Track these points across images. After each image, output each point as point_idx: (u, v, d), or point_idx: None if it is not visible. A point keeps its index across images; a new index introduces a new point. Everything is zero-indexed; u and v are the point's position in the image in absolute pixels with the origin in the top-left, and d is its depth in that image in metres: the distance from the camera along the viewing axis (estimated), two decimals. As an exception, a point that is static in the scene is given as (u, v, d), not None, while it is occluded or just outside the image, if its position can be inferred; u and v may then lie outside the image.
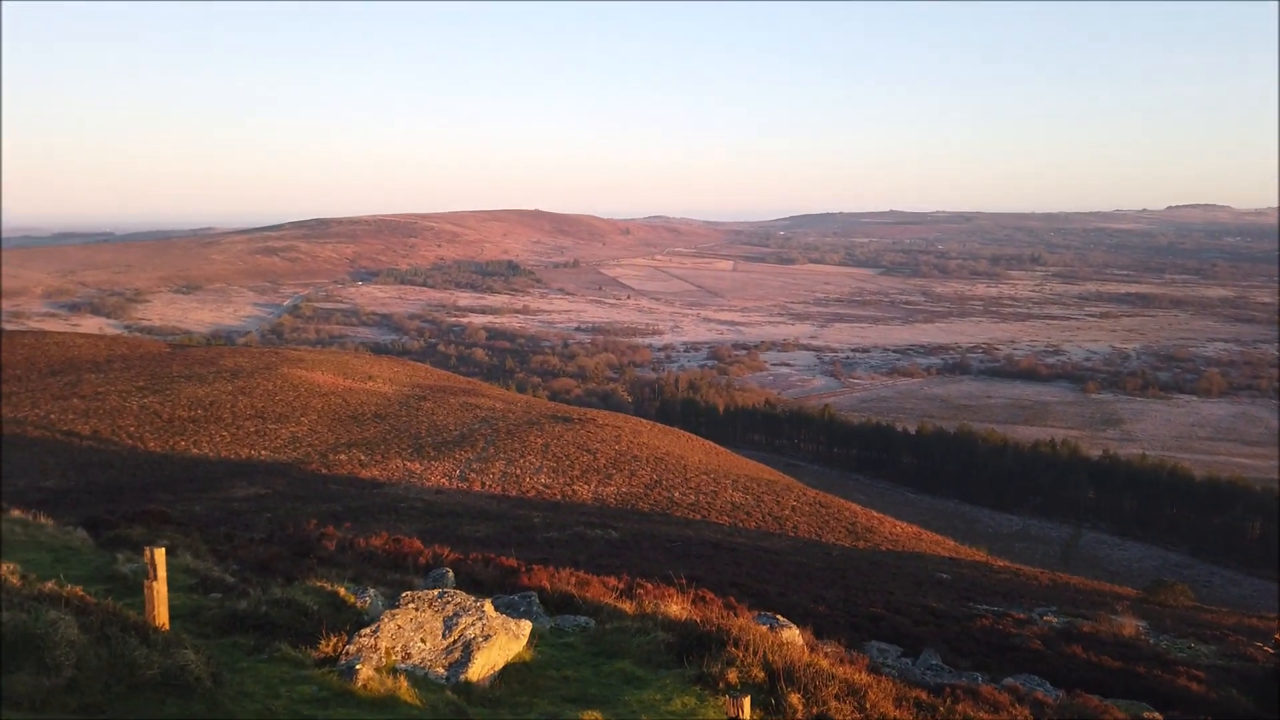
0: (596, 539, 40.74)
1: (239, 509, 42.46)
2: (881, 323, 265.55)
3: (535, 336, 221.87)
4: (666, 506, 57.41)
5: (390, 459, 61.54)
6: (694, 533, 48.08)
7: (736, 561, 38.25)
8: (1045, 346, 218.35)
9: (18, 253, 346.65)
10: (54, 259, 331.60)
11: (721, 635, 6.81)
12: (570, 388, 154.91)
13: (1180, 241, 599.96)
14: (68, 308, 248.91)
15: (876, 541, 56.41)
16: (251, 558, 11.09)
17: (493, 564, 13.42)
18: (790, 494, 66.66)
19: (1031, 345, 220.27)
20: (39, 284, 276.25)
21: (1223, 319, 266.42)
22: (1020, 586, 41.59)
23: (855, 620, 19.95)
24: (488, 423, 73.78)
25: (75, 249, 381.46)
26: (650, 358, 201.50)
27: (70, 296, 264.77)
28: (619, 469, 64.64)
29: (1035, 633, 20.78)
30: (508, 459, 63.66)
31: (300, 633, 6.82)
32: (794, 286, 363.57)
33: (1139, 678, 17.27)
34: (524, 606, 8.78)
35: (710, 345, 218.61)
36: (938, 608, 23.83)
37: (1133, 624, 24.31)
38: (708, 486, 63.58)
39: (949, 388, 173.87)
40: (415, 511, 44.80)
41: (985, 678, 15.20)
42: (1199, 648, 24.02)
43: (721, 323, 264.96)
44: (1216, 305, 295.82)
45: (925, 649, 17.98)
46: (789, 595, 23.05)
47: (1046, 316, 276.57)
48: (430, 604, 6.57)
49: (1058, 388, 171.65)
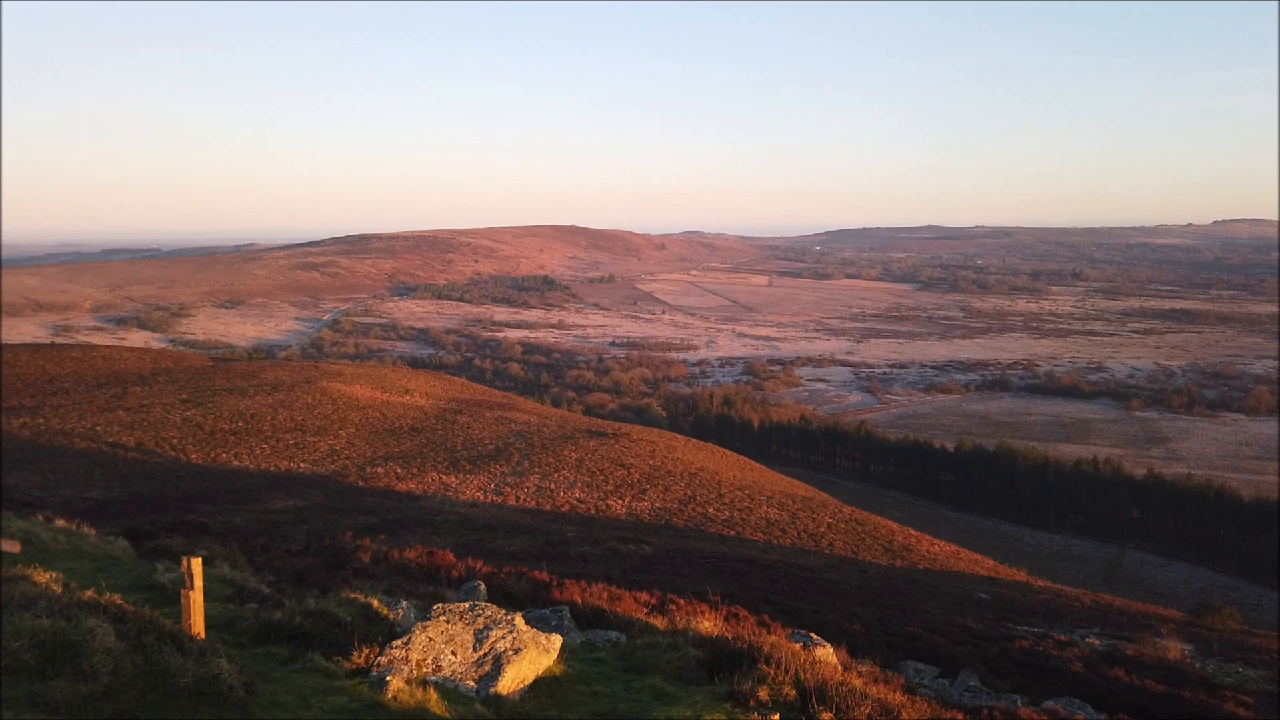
0: (630, 554, 40.60)
1: (278, 520, 42.97)
2: (919, 338, 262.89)
3: (570, 351, 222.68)
4: (701, 522, 57.11)
5: (426, 472, 61.97)
6: (728, 549, 47.75)
7: (771, 578, 37.90)
8: (1087, 363, 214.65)
9: (66, 268, 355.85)
10: (101, 274, 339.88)
11: (753, 652, 6.74)
12: (605, 402, 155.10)
13: (1227, 257, 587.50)
14: (115, 321, 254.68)
15: (914, 560, 55.59)
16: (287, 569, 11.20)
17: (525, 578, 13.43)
18: (826, 511, 65.98)
19: (1073, 362, 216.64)
20: (88, 298, 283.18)
21: (1271, 335, 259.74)
22: (1061, 607, 40.72)
23: (891, 639, 19.66)
24: (522, 437, 74.05)
25: (122, 264, 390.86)
26: (685, 373, 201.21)
27: (117, 311, 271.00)
28: (653, 484, 64.47)
29: (1076, 655, 20.33)
30: (542, 473, 63.81)
31: (333, 644, 6.87)
32: (830, 302, 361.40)
33: (1184, 702, 16.81)
34: (555, 621, 8.77)
35: (745, 361, 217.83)
36: (976, 628, 23.42)
37: (1178, 647, 23.69)
38: (742, 503, 63.17)
39: (988, 404, 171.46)
40: (450, 525, 45.01)
41: (1025, 700, 14.90)
42: (1247, 672, 23.34)
43: (757, 338, 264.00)
44: (1264, 322, 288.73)
45: (963, 670, 17.66)
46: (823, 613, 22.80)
47: (1088, 333, 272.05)
48: (461, 617, 6.59)
49: (1100, 405, 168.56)
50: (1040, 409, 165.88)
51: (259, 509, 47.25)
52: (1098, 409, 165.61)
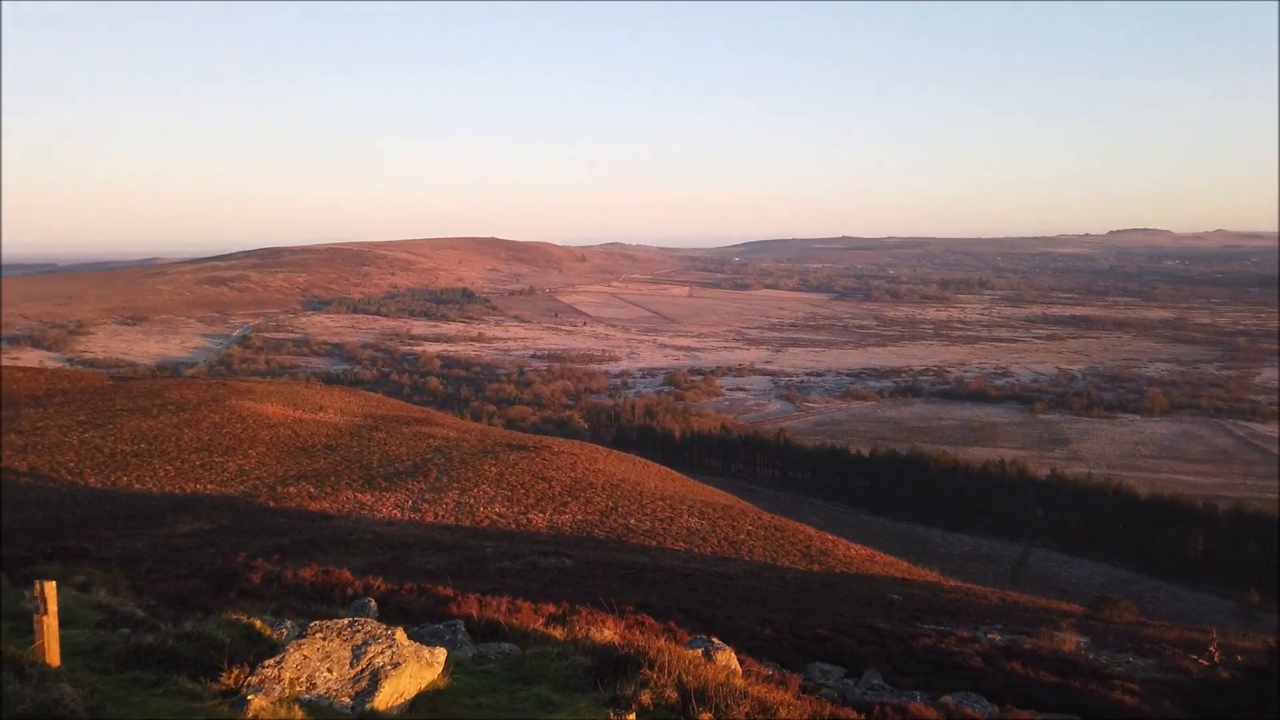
0: (550, 568, 40.40)
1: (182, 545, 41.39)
2: (835, 347, 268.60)
3: (491, 364, 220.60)
4: (622, 533, 57.16)
5: (341, 491, 60.56)
6: (649, 559, 47.90)
7: (690, 587, 38.18)
8: (994, 368, 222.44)
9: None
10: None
11: (639, 658, 6.82)
12: (526, 415, 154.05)
13: (1122, 265, 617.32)
14: (7, 341, 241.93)
15: (831, 564, 56.67)
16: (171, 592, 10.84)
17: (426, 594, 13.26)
18: (746, 518, 66.77)
19: (981, 367, 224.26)
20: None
21: (1164, 340, 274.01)
22: (969, 605, 42.04)
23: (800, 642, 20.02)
24: (441, 452, 73.02)
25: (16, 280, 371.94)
26: (607, 384, 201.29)
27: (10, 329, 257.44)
28: (575, 497, 64.29)
29: (977, 650, 21.03)
30: (461, 489, 63.01)
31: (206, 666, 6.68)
32: (749, 312, 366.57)
33: (1075, 692, 17.56)
34: (449, 635, 8.70)
35: (667, 371, 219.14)
36: (884, 628, 24.01)
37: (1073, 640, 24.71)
38: (664, 512, 63.47)
39: (901, 410, 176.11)
40: (365, 544, 44.06)
41: (925, 696, 15.34)
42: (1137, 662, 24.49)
43: (678, 348, 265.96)
44: (1158, 327, 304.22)
45: (868, 669, 18.10)
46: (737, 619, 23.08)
47: (995, 339, 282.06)
48: (339, 633, 6.49)
49: (1006, 409, 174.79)
50: (950, 413, 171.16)
51: (162, 533, 45.45)
52: (1004, 412, 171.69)
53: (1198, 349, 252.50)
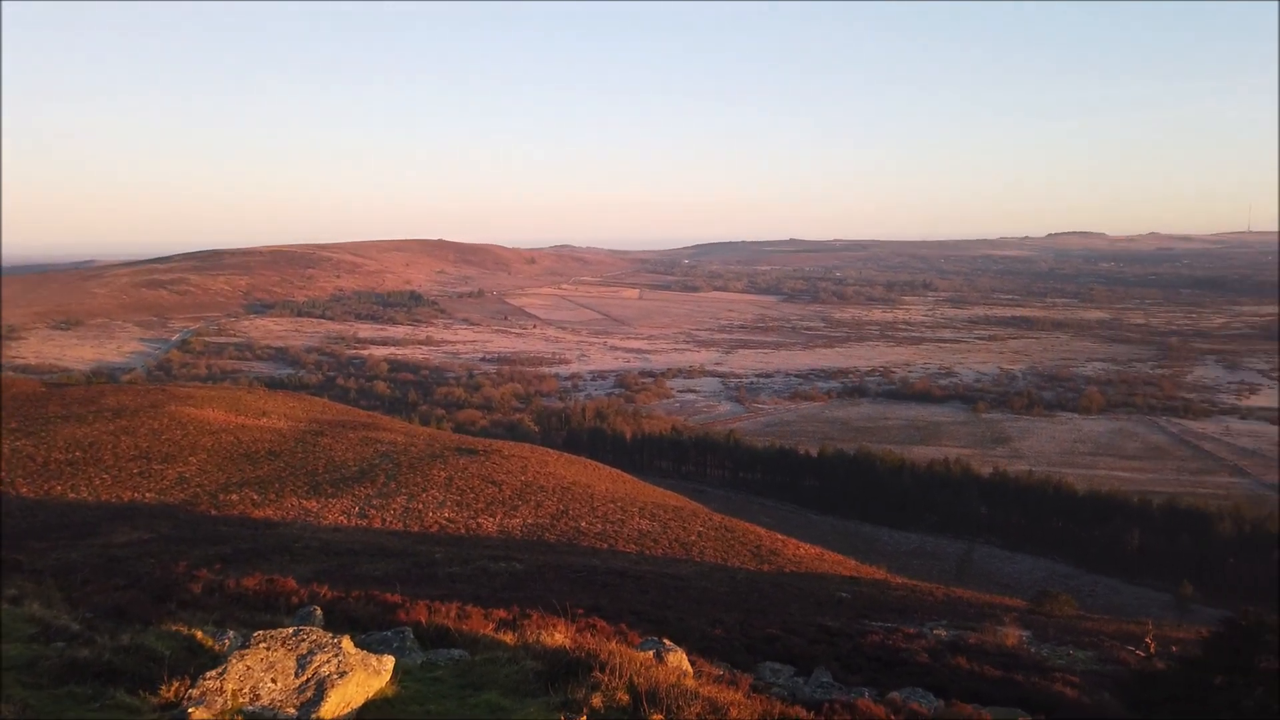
0: (500, 572, 40.15)
1: (120, 555, 40.23)
2: (784, 348, 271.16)
3: (439, 368, 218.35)
4: (573, 537, 57.02)
5: (285, 497, 59.43)
6: (600, 562, 47.86)
7: (641, 589, 38.24)
8: (938, 369, 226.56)
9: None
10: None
11: (590, 661, 6.81)
12: (476, 419, 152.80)
13: (1060, 267, 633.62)
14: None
15: (781, 564, 57.20)
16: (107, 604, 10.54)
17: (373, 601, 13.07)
18: (697, 520, 67.07)
19: (925, 368, 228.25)
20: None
21: (1100, 340, 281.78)
22: (916, 602, 42.76)
23: (751, 642, 20.17)
24: (389, 457, 72.10)
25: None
26: (557, 387, 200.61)
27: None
28: (525, 500, 63.97)
29: (923, 646, 21.40)
30: (410, 494, 62.28)
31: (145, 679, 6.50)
32: (699, 314, 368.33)
33: (1018, 685, 17.97)
34: (397, 642, 8.59)
35: (617, 373, 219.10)
36: (832, 626, 24.31)
37: (1016, 634, 25.29)
38: (615, 515, 63.46)
39: (849, 410, 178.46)
40: (311, 551, 43.30)
41: (873, 693, 15.56)
42: (1077, 654, 25.15)
43: (628, 351, 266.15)
44: (1094, 327, 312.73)
45: (817, 667, 18.30)
46: (688, 620, 23.18)
47: (939, 340, 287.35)
48: (284, 642, 6.37)
49: (950, 408, 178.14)
50: (896, 413, 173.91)
51: (99, 543, 44.12)
52: (948, 412, 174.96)
53: (1133, 348, 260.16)
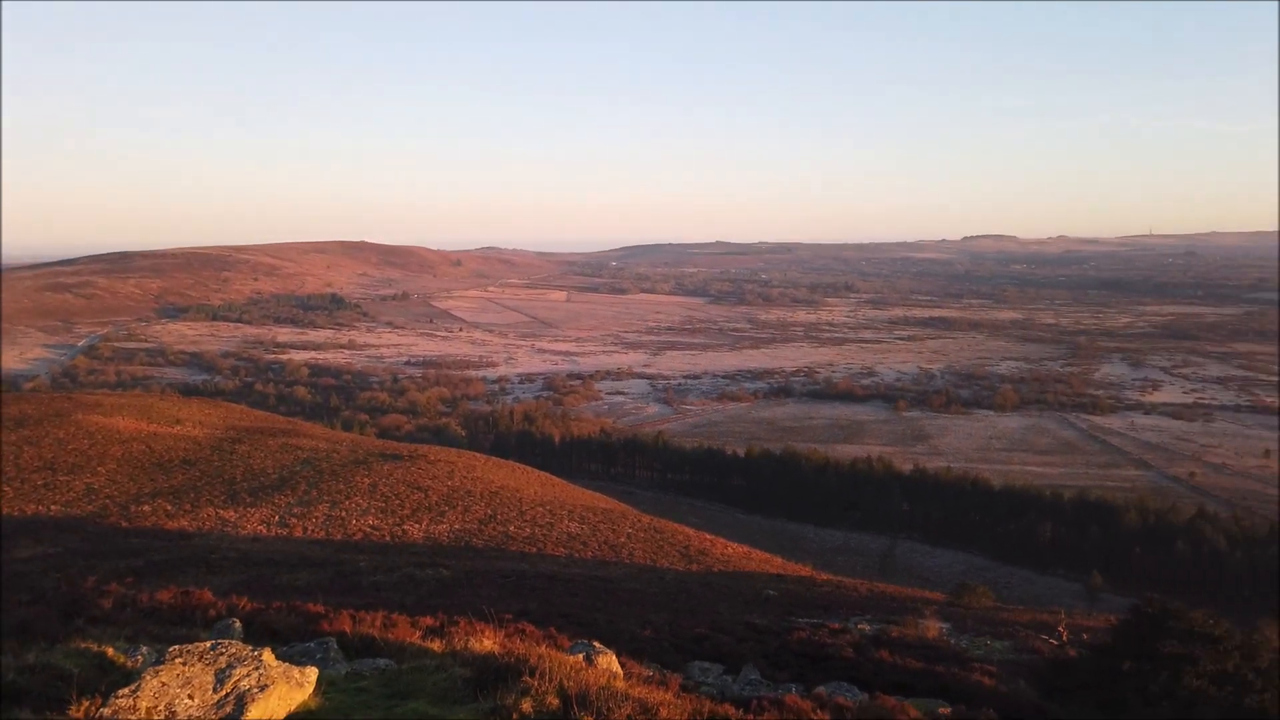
0: (427, 579, 39.57)
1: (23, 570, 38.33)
2: (711, 350, 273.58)
3: (362, 372, 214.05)
4: (502, 541, 56.52)
5: (201, 508, 57.51)
6: (529, 566, 47.54)
7: (571, 592, 38.13)
8: (860, 369, 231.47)
9: None
10: None
11: (520, 666, 6.77)
12: (400, 424, 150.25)
13: (975, 269, 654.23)
14: None
15: (709, 563, 57.65)
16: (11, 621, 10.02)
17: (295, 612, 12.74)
18: (626, 521, 67.17)
19: (848, 368, 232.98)
20: None
21: (1014, 339, 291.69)
22: (841, 598, 43.59)
23: (680, 642, 20.30)
24: (310, 464, 70.37)
25: None
26: (484, 390, 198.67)
27: None
28: (452, 506, 63.16)
29: (848, 641, 21.84)
30: (332, 501, 60.89)
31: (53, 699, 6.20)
32: (627, 316, 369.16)
33: (939, 676, 18.47)
34: (320, 653, 8.39)
35: (545, 376, 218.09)
36: (760, 624, 24.63)
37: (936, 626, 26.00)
38: (544, 519, 63.12)
39: (774, 410, 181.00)
40: (228, 563, 41.97)
41: (800, 688, 15.81)
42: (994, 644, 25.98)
43: (556, 353, 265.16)
44: (1008, 327, 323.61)
45: (746, 665, 18.52)
46: (618, 622, 23.20)
47: (860, 340, 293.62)
48: (200, 657, 6.16)
49: (872, 407, 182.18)
50: (820, 413, 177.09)
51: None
52: (870, 410, 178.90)
53: (1044, 348, 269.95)
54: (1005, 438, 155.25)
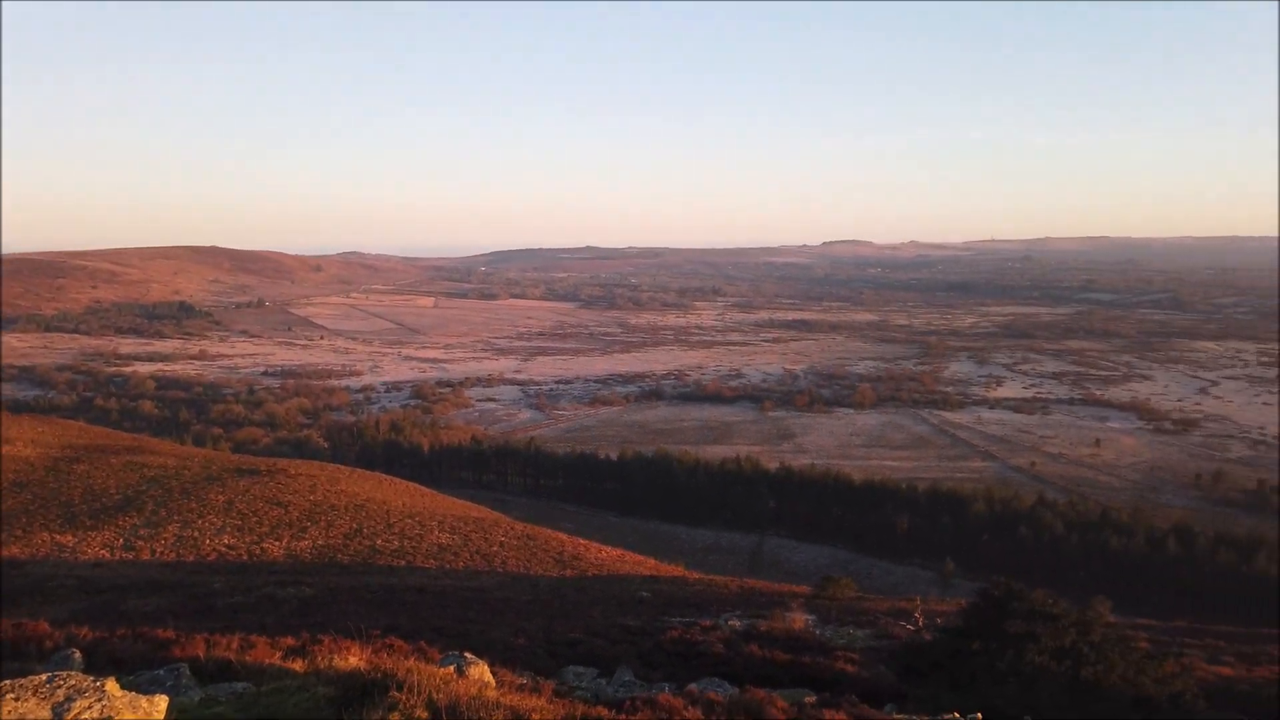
0: (289, 598, 37.97)
1: None
2: (582, 354, 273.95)
3: (215, 384, 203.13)
4: (368, 556, 54.85)
5: (34, 533, 53.25)
6: (398, 580, 46.32)
7: (443, 604, 37.43)
8: (729, 371, 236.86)
9: None
10: None
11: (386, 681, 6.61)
12: (258, 437, 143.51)
13: (834, 273, 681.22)
14: None
15: (583, 568, 57.68)
16: None
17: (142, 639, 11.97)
18: (499, 529, 66.42)
19: (717, 370, 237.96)
20: None
21: (870, 340, 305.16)
22: (712, 596, 44.45)
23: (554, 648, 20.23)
24: (158, 483, 66.30)
25: None
26: (348, 400, 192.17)
27: None
28: (314, 521, 60.82)
29: (719, 637, 22.32)
30: (184, 521, 57.56)
31: None
32: (497, 322, 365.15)
33: (805, 667, 19.13)
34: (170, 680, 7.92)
35: (413, 384, 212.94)
36: (634, 625, 24.84)
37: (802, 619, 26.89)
38: (413, 530, 61.64)
39: (646, 413, 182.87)
40: (67, 590, 39.05)
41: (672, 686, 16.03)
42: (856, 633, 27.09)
43: (424, 360, 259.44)
44: (865, 328, 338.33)
45: (620, 667, 18.63)
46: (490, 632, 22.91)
47: (728, 343, 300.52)
48: (35, 691, 5.72)
49: (740, 408, 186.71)
50: (691, 414, 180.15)
51: None
52: (738, 411, 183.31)
53: (898, 348, 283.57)
54: (864, 434, 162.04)
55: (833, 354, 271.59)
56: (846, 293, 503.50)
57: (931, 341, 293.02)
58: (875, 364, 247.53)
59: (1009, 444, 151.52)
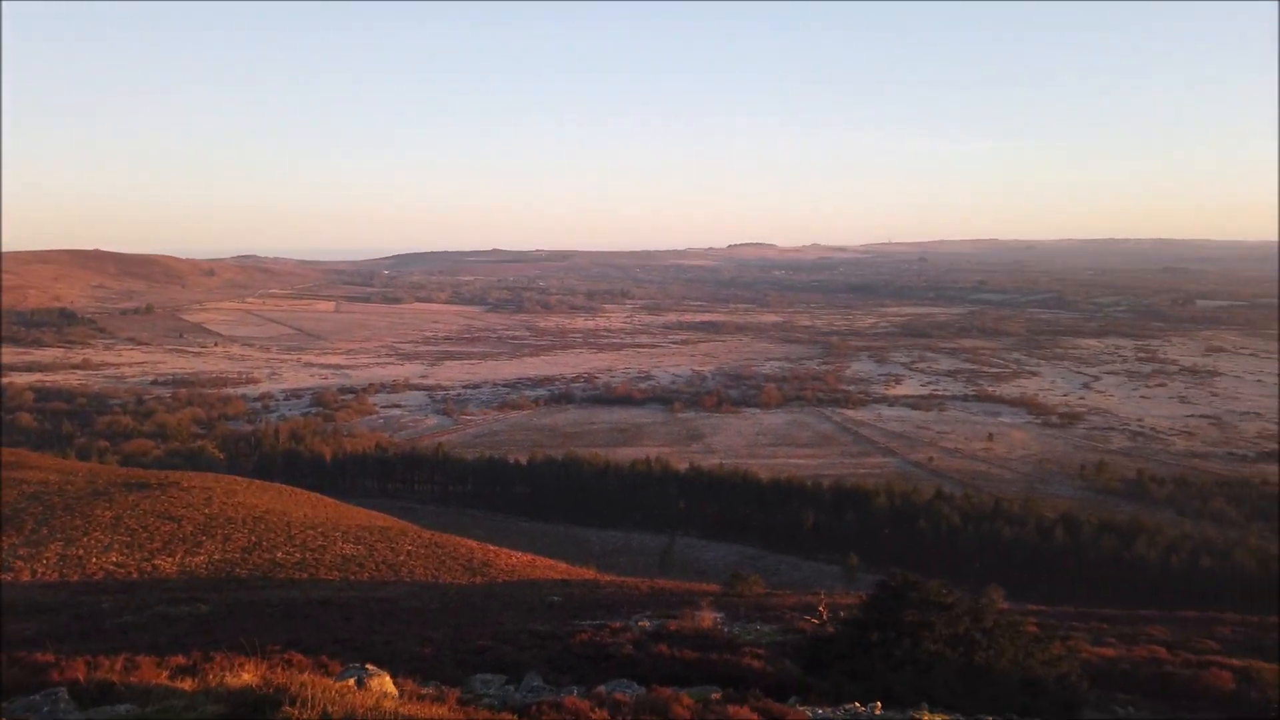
0: (182, 616, 36.48)
1: None
2: (491, 358, 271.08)
3: (101, 394, 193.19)
4: (268, 569, 53.11)
5: (-103, 557, 49.70)
6: (300, 593, 44.99)
7: (347, 616, 36.57)
8: (638, 373, 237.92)
9: None
10: None
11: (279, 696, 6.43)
12: (148, 449, 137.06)
13: (740, 275, 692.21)
14: None
15: (493, 575, 57.12)
16: None
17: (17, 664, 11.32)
18: (406, 538, 65.20)
19: (626, 372, 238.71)
20: None
21: (776, 340, 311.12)
22: (623, 597, 44.60)
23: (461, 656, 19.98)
24: (38, 499, 62.76)
25: None
26: (245, 409, 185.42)
27: None
28: (210, 535, 58.55)
29: (629, 639, 22.42)
30: (67, 539, 54.62)
31: None
32: (402, 326, 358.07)
33: (712, 664, 19.38)
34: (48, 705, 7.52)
35: (314, 391, 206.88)
36: (543, 630, 24.73)
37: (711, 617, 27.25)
38: (315, 542, 59.97)
39: (556, 417, 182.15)
40: (-65, 617, 36.57)
41: (581, 690, 16.04)
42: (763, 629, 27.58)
43: (326, 366, 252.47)
44: (770, 329, 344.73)
45: (528, 673, 18.54)
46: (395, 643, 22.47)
47: (638, 345, 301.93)
48: (-110, 726, 5.35)
49: (650, 410, 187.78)
50: (601, 417, 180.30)
51: None
52: (648, 413, 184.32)
53: (802, 348, 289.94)
54: (771, 433, 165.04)
55: (740, 355, 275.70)
56: (752, 294, 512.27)
57: (834, 341, 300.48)
58: (781, 364, 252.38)
59: (908, 440, 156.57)
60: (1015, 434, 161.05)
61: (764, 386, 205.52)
